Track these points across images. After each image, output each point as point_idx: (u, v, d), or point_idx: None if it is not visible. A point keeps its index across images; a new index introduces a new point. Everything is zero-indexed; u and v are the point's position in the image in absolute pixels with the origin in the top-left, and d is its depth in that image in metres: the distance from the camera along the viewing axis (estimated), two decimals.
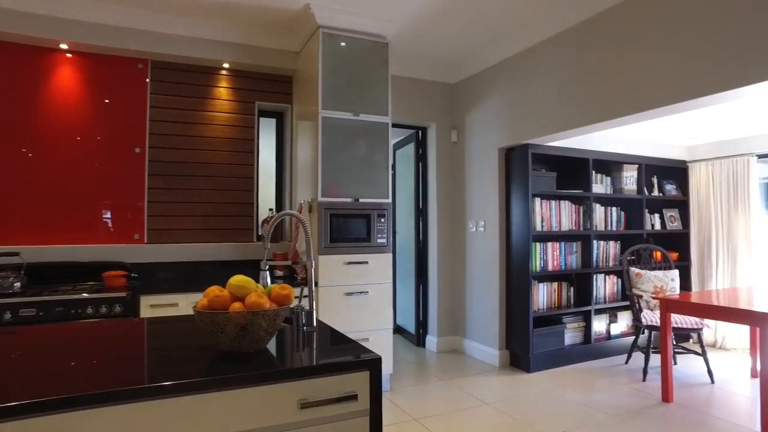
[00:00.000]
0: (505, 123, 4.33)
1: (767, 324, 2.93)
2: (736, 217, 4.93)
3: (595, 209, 4.65)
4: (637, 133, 4.86)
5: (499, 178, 4.41)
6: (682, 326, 3.86)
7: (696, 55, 2.82)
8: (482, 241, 4.58)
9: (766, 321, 2.93)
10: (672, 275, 4.34)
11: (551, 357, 4.26)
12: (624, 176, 4.81)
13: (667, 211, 5.26)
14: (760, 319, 2.95)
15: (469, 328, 4.75)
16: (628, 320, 4.86)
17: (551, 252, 4.39)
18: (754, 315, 2.98)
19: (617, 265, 4.77)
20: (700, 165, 5.23)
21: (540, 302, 4.36)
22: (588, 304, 4.50)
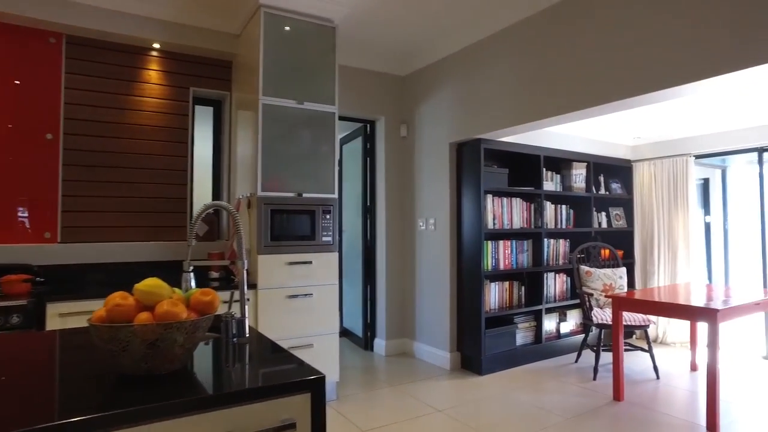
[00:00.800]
0: (456, 117, 4.18)
1: (716, 320, 2.92)
2: (676, 216, 5.03)
3: (546, 207, 4.59)
4: (586, 131, 4.86)
5: (450, 174, 4.26)
6: (631, 323, 3.84)
7: (643, 51, 2.76)
8: (433, 239, 4.42)
9: (715, 317, 2.91)
10: (620, 273, 4.34)
11: (503, 358, 4.15)
12: (573, 174, 4.79)
13: (613, 210, 5.31)
14: (711, 315, 2.93)
15: (419, 330, 4.58)
16: (577, 318, 4.84)
17: (503, 250, 4.29)
18: (707, 311, 2.96)
19: (567, 264, 4.75)
20: (643, 164, 5.31)
21: (492, 302, 4.25)
22: (539, 303, 4.44)
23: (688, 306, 3.06)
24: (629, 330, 3.81)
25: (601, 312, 4.05)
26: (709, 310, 2.93)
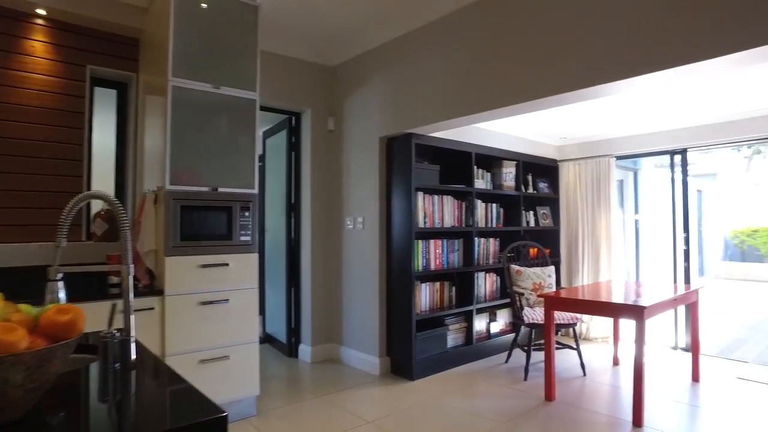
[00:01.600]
0: (387, 110, 3.99)
1: (643, 317, 2.92)
2: (599, 215, 5.16)
3: (477, 205, 4.52)
4: (516, 130, 4.85)
5: (379, 170, 4.06)
6: (561, 322, 3.84)
7: (575, 48, 2.70)
8: (361, 238, 4.20)
9: (642, 314, 2.92)
10: (549, 271, 4.35)
11: (434, 361, 4.01)
12: (504, 172, 4.76)
13: (540, 209, 5.36)
14: (638, 312, 2.94)
15: (347, 335, 4.34)
16: (507, 318, 4.82)
17: (434, 250, 4.15)
18: (635, 309, 2.96)
19: (497, 263, 4.71)
20: (569, 164, 5.41)
21: (423, 304, 4.10)
22: (470, 303, 4.35)
23: (619, 304, 3.06)
24: (559, 328, 3.80)
25: (531, 311, 4.02)
26: (637, 307, 2.94)
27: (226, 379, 3.00)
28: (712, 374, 4.02)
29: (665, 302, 3.20)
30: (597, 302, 3.14)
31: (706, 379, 3.88)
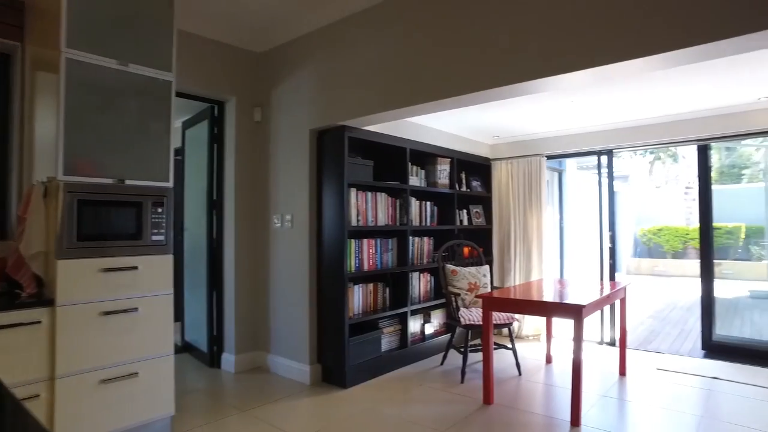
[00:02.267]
0: (318, 101, 3.73)
1: (581, 315, 2.89)
2: (531, 214, 5.20)
3: (411, 203, 4.37)
4: (451, 126, 4.77)
5: (310, 165, 3.80)
6: (497, 322, 3.77)
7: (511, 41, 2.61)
8: (289, 238, 3.91)
9: (581, 312, 2.89)
10: (484, 271, 4.29)
11: (368, 367, 3.81)
12: (438, 170, 4.65)
13: (474, 207, 5.33)
14: (577, 311, 2.90)
15: (275, 342, 4.03)
16: (442, 319, 4.72)
17: (367, 249, 3.95)
18: (574, 308, 2.92)
19: (432, 263, 4.59)
20: (501, 163, 5.42)
21: (356, 306, 3.88)
22: (404, 305, 4.19)
23: (559, 303, 3.01)
24: (495, 328, 3.72)
25: (467, 312, 3.92)
26: (576, 306, 2.90)
27: (134, 399, 2.62)
28: (635, 367, 4.13)
29: (601, 300, 3.21)
30: (537, 302, 3.08)
31: (632, 372, 3.98)
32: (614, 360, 4.32)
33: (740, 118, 4.23)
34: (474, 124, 4.71)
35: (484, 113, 4.30)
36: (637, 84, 3.56)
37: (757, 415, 3.10)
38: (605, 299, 3.30)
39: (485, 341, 3.29)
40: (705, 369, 4.09)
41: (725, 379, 3.83)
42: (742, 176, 17.09)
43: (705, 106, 4.19)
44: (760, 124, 4.15)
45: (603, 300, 3.28)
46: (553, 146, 5.14)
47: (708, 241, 4.74)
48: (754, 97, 3.97)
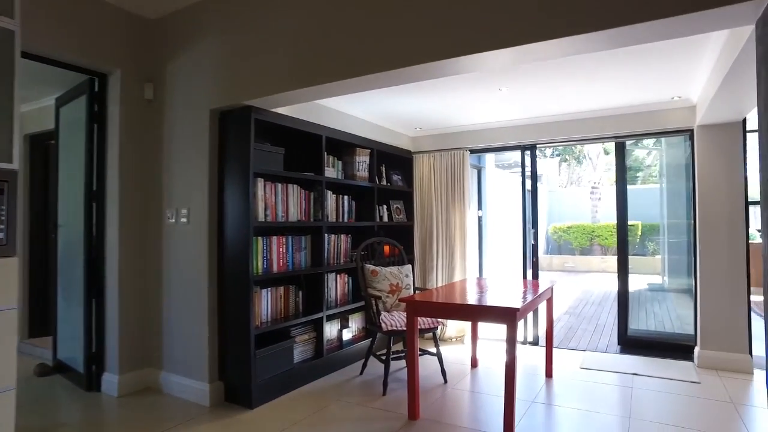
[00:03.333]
0: (221, 77, 3.22)
1: (515, 319, 2.65)
2: (454, 211, 4.99)
3: (327, 197, 3.97)
4: (371, 115, 4.41)
5: (210, 151, 3.28)
6: (421, 327, 3.47)
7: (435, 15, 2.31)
8: (185, 235, 3.36)
9: (515, 316, 2.64)
10: (406, 271, 3.98)
11: (279, 382, 3.36)
12: (357, 161, 4.28)
13: (394, 203, 5.02)
14: (511, 315, 2.65)
15: (169, 357, 3.46)
16: (360, 323, 4.36)
17: (277, 248, 3.49)
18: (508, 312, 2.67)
19: (349, 262, 4.21)
20: (423, 156, 5.16)
21: (264, 313, 3.41)
22: (319, 309, 3.77)
23: (491, 307, 2.74)
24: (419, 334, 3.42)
25: (389, 316, 3.59)
26: (510, 310, 2.65)
27: None
28: (559, 367, 4.03)
29: (533, 301, 3.00)
30: (468, 306, 2.80)
31: (558, 373, 3.86)
32: (539, 360, 4.19)
33: (658, 117, 4.26)
34: (395, 114, 4.40)
35: (406, 102, 3.99)
36: (560, 79, 3.42)
37: (677, 410, 3.06)
38: (536, 300, 3.10)
39: (410, 351, 2.96)
40: (624, 365, 4.07)
41: (644, 375, 3.82)
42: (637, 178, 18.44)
43: (623, 104, 4.17)
44: (676, 123, 4.20)
45: (535, 301, 3.08)
46: (477, 140, 4.96)
47: (625, 237, 4.78)
48: (668, 96, 4.00)
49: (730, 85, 2.88)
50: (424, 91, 3.73)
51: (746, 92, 3.05)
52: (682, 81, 3.60)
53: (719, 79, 2.88)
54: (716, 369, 3.96)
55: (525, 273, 4.84)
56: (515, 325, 2.66)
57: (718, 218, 4.01)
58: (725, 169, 4.00)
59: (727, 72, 2.66)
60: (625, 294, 4.74)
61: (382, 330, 3.41)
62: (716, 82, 3.00)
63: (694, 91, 3.84)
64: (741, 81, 2.80)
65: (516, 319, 2.65)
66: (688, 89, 3.82)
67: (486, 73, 3.32)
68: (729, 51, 2.59)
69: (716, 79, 3.00)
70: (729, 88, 2.95)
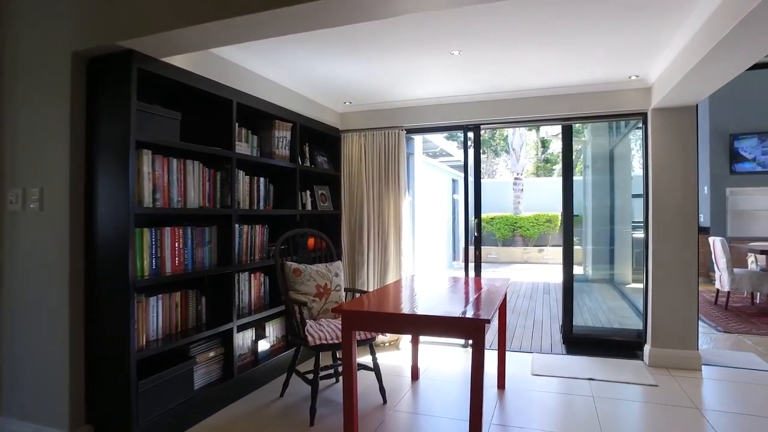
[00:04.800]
0: (88, 6, 2.34)
1: (484, 332, 2.08)
2: (387, 199, 4.38)
3: (239, 178, 3.19)
4: (293, 81, 3.66)
5: (73, 111, 2.40)
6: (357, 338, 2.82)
7: None
8: (36, 226, 2.45)
9: (483, 329, 2.07)
10: (336, 269, 3.31)
11: (173, 418, 2.56)
12: (276, 136, 3.52)
13: (318, 188, 4.31)
14: (479, 328, 2.07)
15: (11, 396, 2.53)
16: (280, 330, 3.63)
17: (171, 243, 2.68)
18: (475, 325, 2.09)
19: (265, 258, 3.46)
20: (353, 136, 4.49)
21: (152, 329, 2.58)
22: (229, 319, 3.00)
23: (453, 318, 2.14)
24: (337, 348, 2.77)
25: (316, 326, 2.90)
26: (478, 322, 2.07)
27: None
28: (509, 374, 3.57)
29: (498, 306, 2.46)
30: (424, 318, 2.18)
31: (510, 383, 3.38)
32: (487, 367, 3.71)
33: (611, 98, 3.91)
34: (323, 82, 3.69)
35: (336, 67, 3.30)
36: (522, 42, 2.90)
37: (647, 422, 2.67)
38: (497, 303, 2.57)
39: (347, 374, 2.30)
40: (576, 369, 3.70)
41: (600, 379, 3.46)
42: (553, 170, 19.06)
43: (576, 81, 3.77)
44: (629, 105, 3.87)
45: (499, 305, 2.54)
46: (415, 118, 4.37)
47: (570, 227, 4.43)
48: (625, 75, 3.65)
49: (715, 60, 2.52)
50: (358, 53, 3.06)
51: (733, 68, 2.72)
52: (646, 57, 3.23)
53: (700, 54, 2.51)
54: (667, 368, 3.71)
55: (467, 268, 4.35)
56: (483, 340, 2.09)
57: (672, 208, 3.74)
58: (680, 156, 3.73)
59: (715, 45, 2.27)
60: (570, 290, 4.40)
61: (308, 344, 2.71)
62: (693, 58, 2.65)
63: (655, 71, 3.51)
64: (731, 56, 2.44)
65: (484, 333, 2.09)
66: (648, 68, 3.48)
67: (438, 31, 2.72)
68: (722, 19, 2.19)
69: (694, 54, 2.65)
70: (711, 64, 2.60)
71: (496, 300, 2.51)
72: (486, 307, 2.29)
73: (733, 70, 2.81)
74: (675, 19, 2.63)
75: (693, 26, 2.65)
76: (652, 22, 2.66)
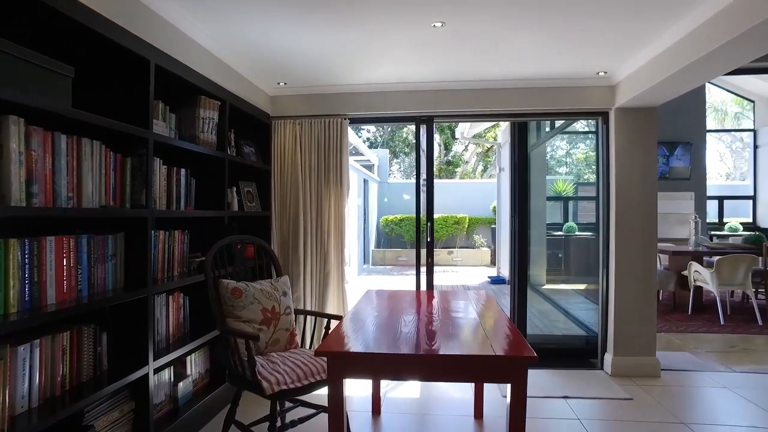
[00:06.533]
0: None
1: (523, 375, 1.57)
2: (328, 198, 3.73)
3: (156, 168, 2.36)
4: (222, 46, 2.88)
5: None
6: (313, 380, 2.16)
7: None
8: None
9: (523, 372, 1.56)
10: (283, 286, 2.60)
11: None
12: (202, 117, 2.72)
13: (245, 185, 3.54)
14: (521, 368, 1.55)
15: None
16: (203, 364, 2.83)
17: (56, 260, 1.81)
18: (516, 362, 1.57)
19: (185, 274, 2.64)
20: (286, 123, 3.77)
21: (21, 395, 1.69)
22: (142, 361, 2.17)
23: (494, 357, 1.58)
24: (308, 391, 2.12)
25: (269, 366, 2.19)
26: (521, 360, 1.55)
27: None
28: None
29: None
30: (449, 359, 1.60)
31: (488, 411, 2.93)
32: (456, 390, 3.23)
33: (574, 94, 3.64)
34: (253, 51, 2.95)
35: (271, 29, 2.61)
36: (501, 25, 2.47)
37: None
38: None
39: None
40: (546, 386, 3.36)
41: (575, 397, 3.17)
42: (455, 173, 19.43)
43: (541, 74, 3.46)
44: (594, 103, 3.63)
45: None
46: (360, 105, 3.77)
47: (525, 229, 4.13)
48: (593, 71, 3.40)
49: (701, 66, 2.56)
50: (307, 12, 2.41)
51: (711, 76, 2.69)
52: (621, 53, 3.02)
53: (690, 58, 2.50)
54: (629, 376, 3.56)
55: (418, 276, 3.85)
56: (525, 382, 1.58)
57: (634, 210, 3.57)
58: (641, 157, 3.56)
59: (707, 52, 2.32)
60: (524, 299, 4.10)
61: (264, 392, 2.00)
62: (681, 62, 2.59)
63: (626, 69, 3.29)
64: (719, 65, 2.53)
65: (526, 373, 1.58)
66: (619, 65, 3.26)
67: None
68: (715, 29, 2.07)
69: (683, 58, 2.58)
70: (693, 71, 2.66)
71: (506, 323, 2.02)
72: (515, 336, 1.78)
73: (709, 77, 2.87)
74: (668, 16, 2.49)
75: (685, 28, 2.55)
76: (642, 16, 2.46)
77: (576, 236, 6.63)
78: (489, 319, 2.12)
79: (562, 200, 7.68)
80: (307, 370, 2.19)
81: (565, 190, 8.18)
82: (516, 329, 1.90)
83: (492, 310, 2.29)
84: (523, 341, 1.71)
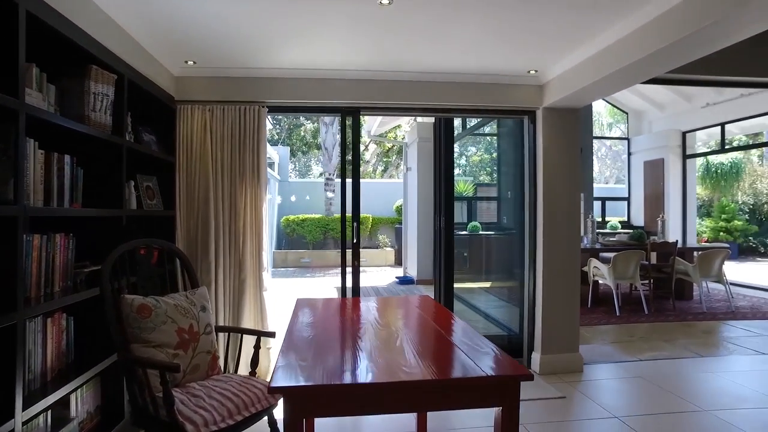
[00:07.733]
0: None
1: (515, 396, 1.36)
2: (242, 194, 3.29)
3: (29, 151, 1.81)
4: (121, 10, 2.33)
5: None
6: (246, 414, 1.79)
7: None
8: None
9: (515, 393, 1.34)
10: (201, 299, 2.16)
11: None
12: (93, 92, 2.17)
13: (144, 180, 2.98)
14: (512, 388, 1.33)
15: None
16: (91, 401, 2.28)
17: None
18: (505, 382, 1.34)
19: (70, 289, 2.09)
20: (194, 109, 3.26)
21: None
22: (7, 414, 1.62)
23: (480, 379, 1.34)
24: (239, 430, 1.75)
25: (193, 402, 1.75)
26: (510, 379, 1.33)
27: None
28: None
29: None
30: (435, 384, 1.33)
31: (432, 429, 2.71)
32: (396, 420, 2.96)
33: (502, 92, 3.57)
34: (158, 16, 2.45)
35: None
36: (418, 15, 2.29)
37: None
38: None
39: None
40: None
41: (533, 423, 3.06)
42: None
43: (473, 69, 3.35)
44: (523, 101, 3.59)
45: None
46: (280, 92, 3.37)
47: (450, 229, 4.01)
48: (523, 69, 3.35)
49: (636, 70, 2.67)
50: None
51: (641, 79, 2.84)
52: (554, 52, 3.00)
53: (625, 61, 2.59)
54: (555, 373, 3.61)
55: (344, 287, 3.54)
56: (518, 406, 1.37)
57: (560, 208, 3.60)
58: (566, 156, 3.60)
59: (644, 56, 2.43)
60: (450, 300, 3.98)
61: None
62: (616, 64, 2.67)
63: (557, 69, 3.28)
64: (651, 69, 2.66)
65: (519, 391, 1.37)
66: (550, 64, 3.24)
67: None
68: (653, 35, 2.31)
69: (618, 60, 2.65)
70: (626, 74, 2.76)
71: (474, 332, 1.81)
72: (497, 352, 1.56)
73: (633, 83, 3.04)
74: (604, 19, 2.50)
75: (619, 32, 2.61)
76: (582, 17, 2.44)
77: (480, 235, 6.73)
78: (454, 330, 1.89)
79: (466, 200, 7.82)
80: (239, 401, 1.80)
81: (466, 191, 8.36)
82: (490, 342, 1.69)
83: (449, 319, 2.07)
84: (508, 357, 1.49)
